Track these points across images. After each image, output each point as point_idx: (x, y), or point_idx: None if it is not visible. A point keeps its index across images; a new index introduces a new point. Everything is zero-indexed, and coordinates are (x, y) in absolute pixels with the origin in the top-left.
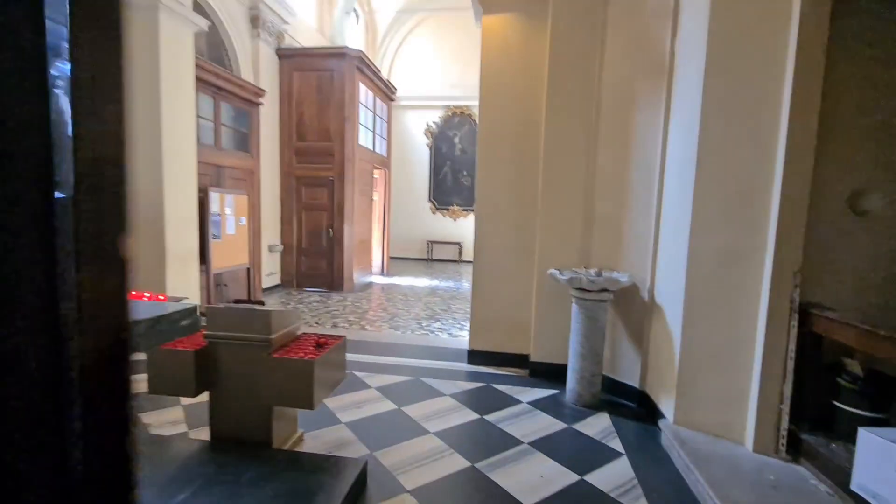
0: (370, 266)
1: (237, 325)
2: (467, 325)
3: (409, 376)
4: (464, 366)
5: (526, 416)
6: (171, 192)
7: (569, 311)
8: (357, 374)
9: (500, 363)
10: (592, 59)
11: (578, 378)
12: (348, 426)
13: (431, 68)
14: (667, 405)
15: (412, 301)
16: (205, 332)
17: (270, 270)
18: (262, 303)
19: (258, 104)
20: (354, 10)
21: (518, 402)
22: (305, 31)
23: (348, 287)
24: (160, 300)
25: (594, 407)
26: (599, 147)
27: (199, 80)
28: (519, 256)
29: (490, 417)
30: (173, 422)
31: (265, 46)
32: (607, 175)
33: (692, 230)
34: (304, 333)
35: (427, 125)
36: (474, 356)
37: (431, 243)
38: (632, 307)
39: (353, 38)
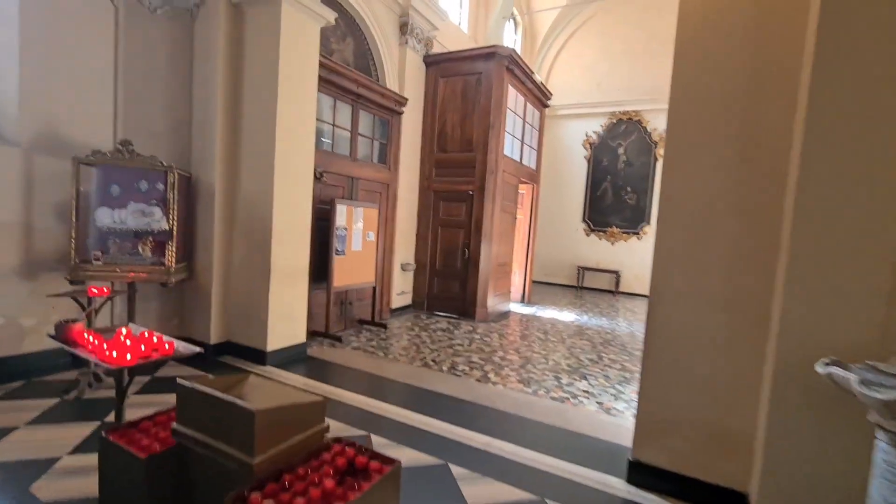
0: (508, 292)
1: (210, 424)
2: (625, 391)
3: (531, 493)
4: (621, 485)
5: None
6: (282, 203)
7: (843, 432)
8: (454, 468)
9: (687, 496)
10: None
11: None
12: None
13: (594, 71)
14: None
15: (553, 342)
16: (174, 425)
17: (402, 290)
18: (384, 326)
19: (399, 113)
20: (513, 17)
21: None
22: (457, 39)
23: (481, 315)
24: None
25: None
26: None
27: (337, 86)
28: (733, 318)
29: None
30: None
31: (412, 54)
32: None
33: None
34: (338, 442)
35: (586, 135)
36: (640, 472)
37: (583, 269)
38: None
39: (509, 44)
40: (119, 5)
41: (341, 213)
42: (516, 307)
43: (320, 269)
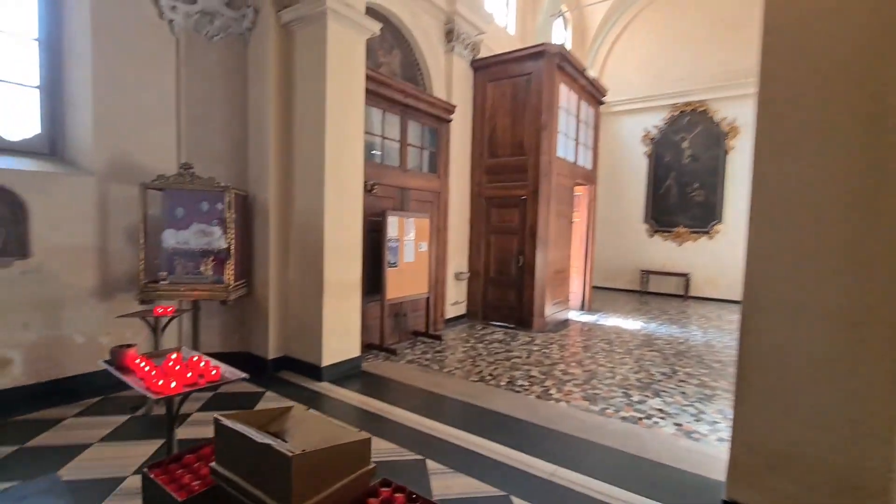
0: (567, 300)
1: (247, 466)
2: (706, 411)
3: None
4: None
5: None
6: (333, 218)
7: None
8: (517, 502)
9: None
10: None
11: None
12: None
13: (652, 63)
14: None
15: (619, 353)
16: (212, 464)
17: (456, 299)
18: (439, 338)
19: (447, 121)
20: (561, 13)
21: None
22: (504, 41)
23: (539, 324)
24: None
25: None
26: None
27: (385, 98)
28: (858, 336)
29: None
30: None
31: (459, 60)
32: None
33: None
34: (387, 486)
35: (645, 130)
36: None
37: (647, 273)
38: None
39: (558, 42)
40: (179, 36)
41: (392, 224)
42: (576, 315)
43: (374, 281)
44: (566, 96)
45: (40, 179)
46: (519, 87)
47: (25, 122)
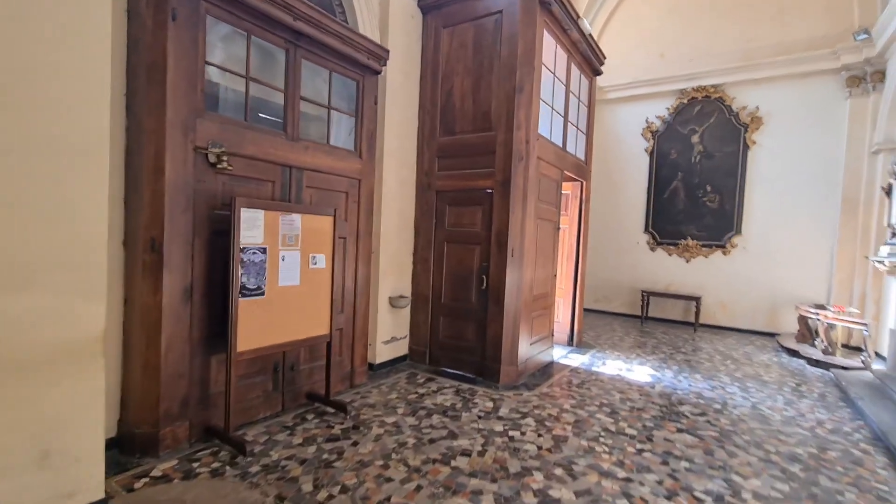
0: (550, 334)
1: None
2: None
3: None
4: None
5: None
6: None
7: None
8: None
9: None
10: None
11: None
12: None
13: (657, 39)
14: None
15: (631, 438)
16: None
17: (392, 334)
18: (343, 408)
19: (376, 72)
20: None
21: None
22: None
23: (509, 376)
24: None
25: None
26: None
27: (253, 13)
28: None
29: None
30: None
31: None
32: None
33: None
34: None
35: (647, 121)
36: None
37: (647, 294)
38: None
39: None
40: None
41: (252, 223)
42: (562, 354)
43: (221, 319)
44: (552, 51)
45: None
46: (484, 33)
47: None
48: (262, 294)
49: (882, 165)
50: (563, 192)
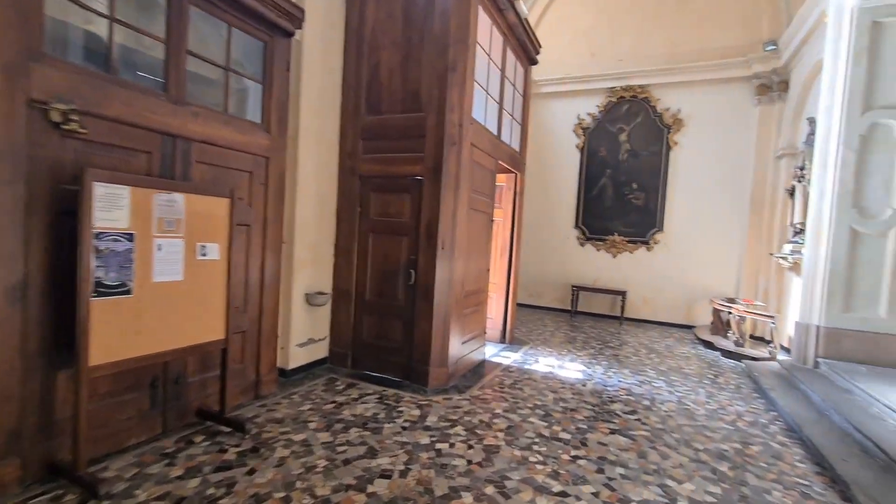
0: (483, 332)
1: None
2: None
3: None
4: None
5: None
6: None
7: None
8: None
9: None
10: None
11: None
12: None
13: (589, 38)
14: None
15: (564, 442)
16: None
17: (310, 336)
18: (241, 427)
19: (288, 33)
20: None
21: None
22: None
23: (438, 378)
24: None
25: None
26: None
27: None
28: None
29: None
30: None
31: None
32: None
33: None
34: None
35: (578, 118)
36: None
37: (577, 289)
38: None
39: None
40: None
41: (111, 202)
42: (494, 351)
43: (73, 325)
44: (487, 31)
45: None
46: (414, 5)
47: None
48: (128, 292)
49: (785, 169)
50: (497, 183)
